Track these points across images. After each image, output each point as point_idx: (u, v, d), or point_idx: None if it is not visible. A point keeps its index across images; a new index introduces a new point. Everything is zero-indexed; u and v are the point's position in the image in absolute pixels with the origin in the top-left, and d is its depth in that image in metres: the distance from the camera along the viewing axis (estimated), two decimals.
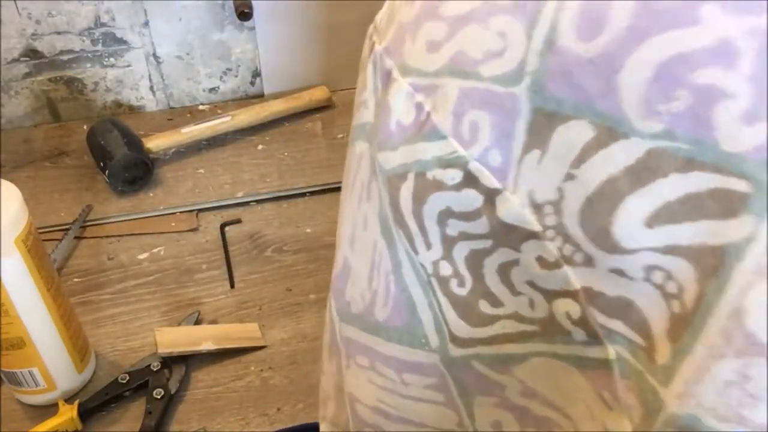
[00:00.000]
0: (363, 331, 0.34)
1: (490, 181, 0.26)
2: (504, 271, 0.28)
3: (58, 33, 1.07)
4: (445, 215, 0.28)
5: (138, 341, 0.84)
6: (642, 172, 0.23)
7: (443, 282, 0.29)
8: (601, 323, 0.26)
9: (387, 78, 0.29)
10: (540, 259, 0.26)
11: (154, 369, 0.78)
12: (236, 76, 1.18)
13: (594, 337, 0.26)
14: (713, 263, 0.23)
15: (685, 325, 0.24)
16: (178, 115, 1.18)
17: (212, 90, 1.19)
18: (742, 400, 0.24)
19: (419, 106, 0.27)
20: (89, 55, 1.10)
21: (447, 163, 0.27)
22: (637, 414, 0.26)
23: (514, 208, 0.26)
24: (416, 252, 0.29)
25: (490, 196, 0.26)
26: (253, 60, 1.17)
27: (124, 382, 0.77)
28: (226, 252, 0.94)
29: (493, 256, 0.27)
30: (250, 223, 0.99)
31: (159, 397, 0.76)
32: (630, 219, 0.24)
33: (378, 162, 0.30)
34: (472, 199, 0.27)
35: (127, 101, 1.17)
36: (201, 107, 1.19)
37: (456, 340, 0.30)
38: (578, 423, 0.29)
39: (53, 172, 1.06)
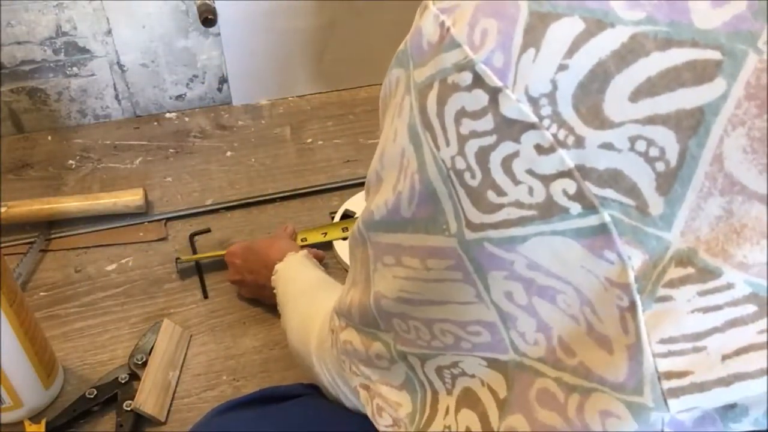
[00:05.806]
0: (387, 233, 0.40)
1: (493, 80, 0.31)
2: (506, 163, 0.32)
3: (19, 43, 1.05)
4: (460, 115, 0.33)
5: (107, 354, 0.83)
6: (627, 55, 0.29)
7: (459, 175, 0.34)
8: (595, 193, 0.31)
9: (422, 9, 0.35)
10: (537, 147, 0.31)
11: (122, 381, 0.77)
12: (203, 83, 1.17)
13: (590, 208, 0.31)
14: (692, 123, 0.29)
15: (673, 178, 0.30)
16: (144, 123, 1.16)
17: (179, 97, 1.18)
18: (728, 234, 0.30)
19: (442, 25, 0.33)
20: (51, 65, 1.08)
21: (461, 67, 0.32)
22: (637, 261, 0.31)
23: (513, 103, 0.31)
24: (438, 148, 0.34)
25: (494, 94, 0.31)
26: (219, 66, 1.16)
27: (92, 397, 0.76)
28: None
29: (497, 150, 0.32)
30: (220, 230, 0.98)
31: (129, 409, 0.74)
32: (617, 94, 0.29)
33: (413, 78, 0.35)
34: (479, 98, 0.32)
35: (92, 111, 1.15)
36: (168, 115, 1.18)
37: (470, 225, 0.35)
38: (579, 286, 0.34)
39: (17, 185, 1.05)
